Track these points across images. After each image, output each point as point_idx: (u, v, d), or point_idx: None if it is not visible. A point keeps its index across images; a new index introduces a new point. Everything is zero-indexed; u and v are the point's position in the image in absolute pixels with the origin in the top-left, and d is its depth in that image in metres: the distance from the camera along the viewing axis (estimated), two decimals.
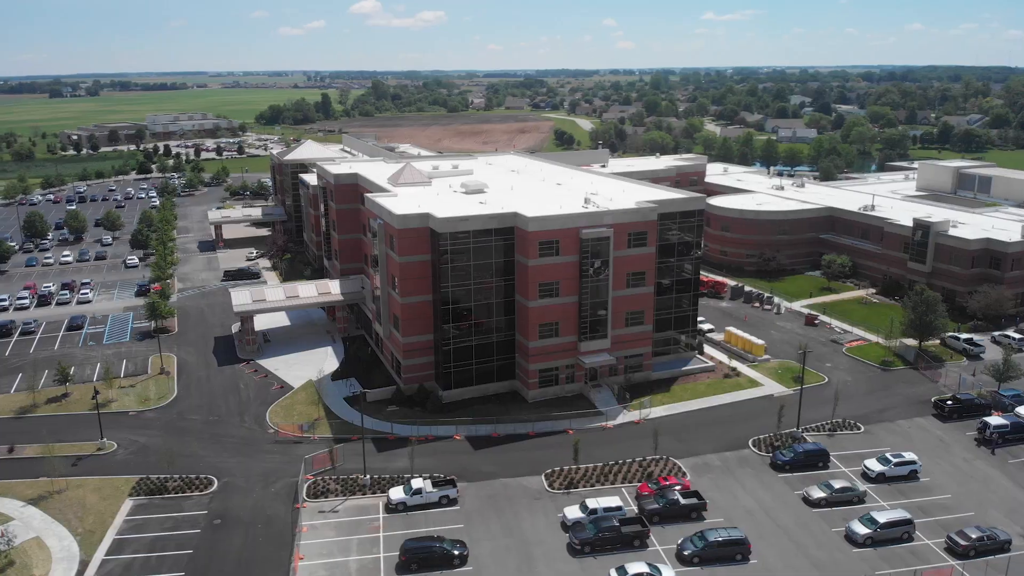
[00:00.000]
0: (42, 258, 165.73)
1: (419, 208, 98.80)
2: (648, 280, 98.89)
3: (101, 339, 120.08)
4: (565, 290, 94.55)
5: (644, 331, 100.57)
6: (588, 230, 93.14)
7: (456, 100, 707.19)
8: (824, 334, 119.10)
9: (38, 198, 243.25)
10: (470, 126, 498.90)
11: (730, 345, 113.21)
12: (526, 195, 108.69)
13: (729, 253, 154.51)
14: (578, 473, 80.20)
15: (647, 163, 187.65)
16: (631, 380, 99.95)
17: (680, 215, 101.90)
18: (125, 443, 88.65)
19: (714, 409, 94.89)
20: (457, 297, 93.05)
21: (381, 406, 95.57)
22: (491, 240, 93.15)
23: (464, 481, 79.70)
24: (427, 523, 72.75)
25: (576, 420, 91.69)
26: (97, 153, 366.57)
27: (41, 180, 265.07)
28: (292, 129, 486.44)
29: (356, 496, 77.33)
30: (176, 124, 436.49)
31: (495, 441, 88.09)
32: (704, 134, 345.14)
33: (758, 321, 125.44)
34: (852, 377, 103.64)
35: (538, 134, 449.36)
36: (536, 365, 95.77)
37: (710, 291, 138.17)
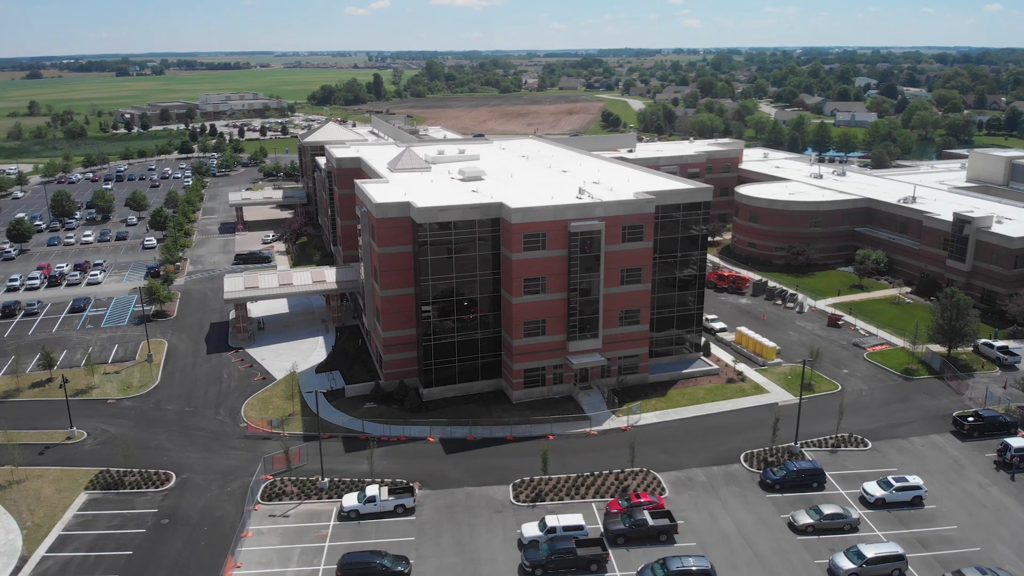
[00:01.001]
0: (64, 238, 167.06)
1: (404, 196, 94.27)
2: (644, 277, 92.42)
3: (101, 322, 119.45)
4: (552, 286, 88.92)
5: (640, 331, 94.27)
6: (577, 223, 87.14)
7: (508, 81, 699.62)
8: (847, 336, 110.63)
9: (77, 177, 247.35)
10: (518, 107, 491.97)
11: (740, 347, 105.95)
12: (524, 184, 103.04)
13: (757, 245, 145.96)
14: (547, 485, 74.96)
15: (677, 148, 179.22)
16: (624, 383, 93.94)
17: (684, 207, 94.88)
18: (96, 432, 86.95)
19: (710, 417, 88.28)
20: (438, 291, 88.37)
21: (359, 402, 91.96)
22: (475, 231, 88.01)
23: (427, 488, 75.37)
24: (378, 533, 68.67)
25: (558, 424, 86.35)
26: (147, 132, 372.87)
27: (82, 159, 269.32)
28: (342, 110, 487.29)
29: (311, 500, 73.72)
30: (226, 104, 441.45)
31: (470, 445, 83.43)
32: (756, 117, 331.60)
33: (777, 320, 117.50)
34: (868, 386, 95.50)
35: (587, 115, 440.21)
36: (521, 364, 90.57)
37: (730, 286, 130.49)
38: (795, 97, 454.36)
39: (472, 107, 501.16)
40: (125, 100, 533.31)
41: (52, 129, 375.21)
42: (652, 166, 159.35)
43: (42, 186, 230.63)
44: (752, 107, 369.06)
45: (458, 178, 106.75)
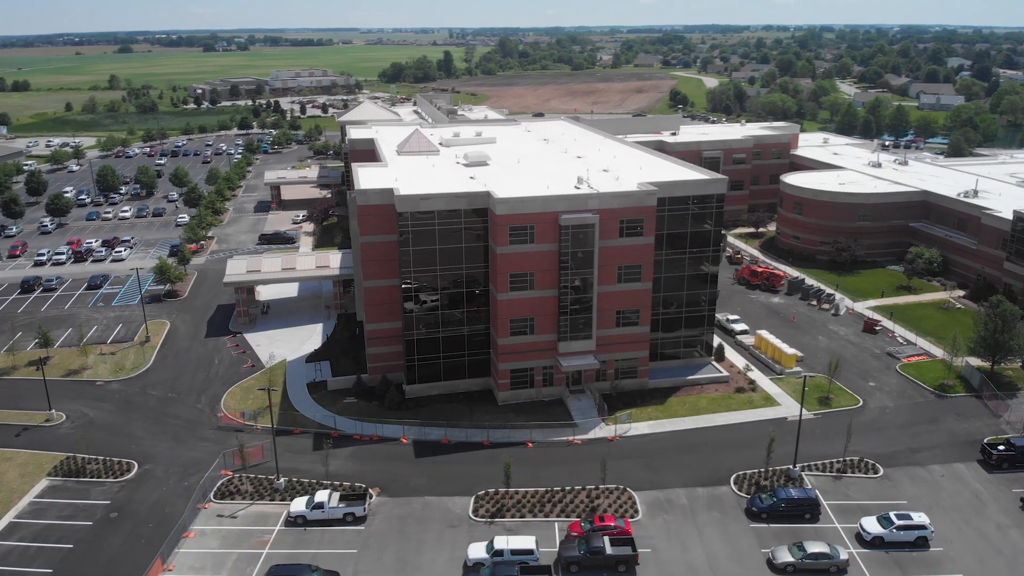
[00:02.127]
0: (103, 213, 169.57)
1: (396, 181, 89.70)
2: (645, 275, 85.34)
3: (113, 300, 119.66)
4: (542, 282, 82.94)
5: (639, 333, 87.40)
6: (569, 215, 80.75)
7: (581, 58, 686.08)
8: (882, 344, 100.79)
9: (135, 151, 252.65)
10: (586, 85, 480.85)
11: (759, 352, 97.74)
12: (527, 171, 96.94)
13: (801, 239, 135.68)
14: (511, 499, 69.69)
15: (724, 131, 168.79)
16: (618, 387, 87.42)
17: (695, 200, 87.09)
18: (75, 415, 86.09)
19: (708, 431, 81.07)
20: (422, 283, 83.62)
21: (341, 396, 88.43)
22: (460, 222, 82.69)
23: (386, 495, 71.18)
24: (322, 543, 64.89)
25: (540, 431, 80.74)
26: (214, 108, 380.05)
27: (143, 133, 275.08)
28: (409, 87, 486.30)
29: (263, 501, 70.53)
30: (295, 80, 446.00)
31: (443, 448, 78.78)
32: (832, 98, 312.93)
33: (808, 323, 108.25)
34: (894, 402, 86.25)
35: (656, 94, 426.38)
36: (507, 364, 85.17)
37: (764, 283, 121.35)
38: (880, 78, 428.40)
39: (539, 85, 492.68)
40: (203, 75, 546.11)
41: (126, 103, 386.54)
42: (694, 151, 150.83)
43: (100, 160, 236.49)
44: (830, 87, 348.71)
45: (462, 163, 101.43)
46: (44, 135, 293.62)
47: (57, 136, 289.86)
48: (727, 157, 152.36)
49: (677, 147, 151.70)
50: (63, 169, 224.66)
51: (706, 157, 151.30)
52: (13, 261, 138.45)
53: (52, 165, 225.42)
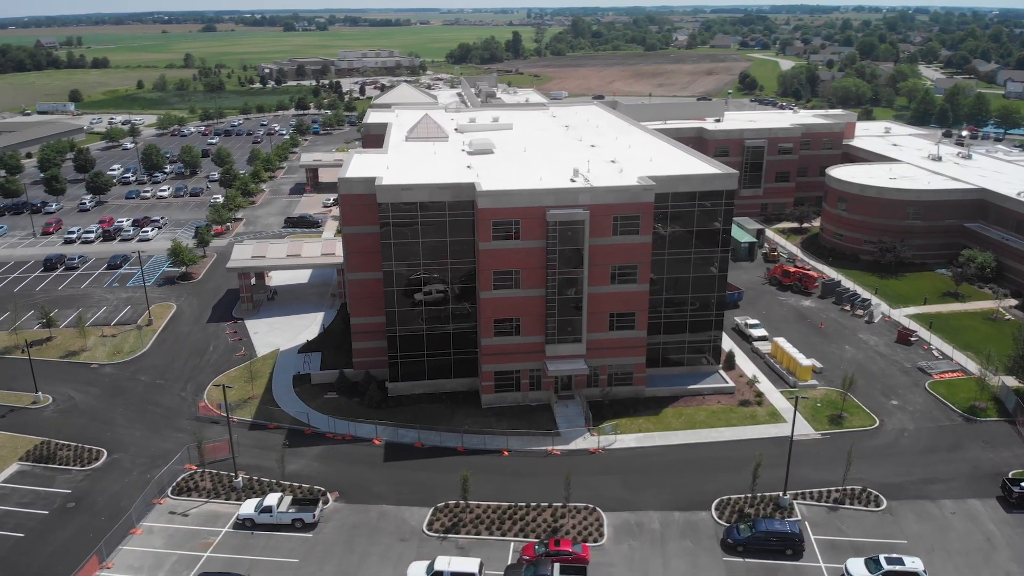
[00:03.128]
0: (142, 191, 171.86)
1: (387, 169, 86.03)
2: (641, 276, 79.38)
3: (129, 281, 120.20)
4: (528, 281, 78.02)
5: (634, 337, 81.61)
6: (557, 211, 75.46)
7: (656, 38, 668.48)
8: (915, 356, 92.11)
9: (191, 130, 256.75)
10: (654, 67, 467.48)
11: (774, 361, 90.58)
12: (530, 161, 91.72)
13: (844, 237, 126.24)
14: (471, 513, 65.57)
15: (772, 118, 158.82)
16: (610, 395, 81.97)
17: (701, 196, 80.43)
18: (62, 399, 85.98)
19: (700, 447, 74.99)
20: (405, 278, 79.84)
21: (323, 391, 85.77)
22: (444, 215, 78.37)
23: (343, 501, 68.06)
24: (264, 550, 62.19)
25: (518, 438, 76.23)
26: (279, 87, 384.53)
27: (200, 112, 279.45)
28: (474, 68, 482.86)
29: (219, 500, 68.35)
30: (360, 61, 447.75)
31: (415, 453, 75.16)
32: (909, 84, 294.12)
33: (837, 330, 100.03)
34: (916, 424, 78.21)
35: (726, 76, 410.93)
36: (491, 366, 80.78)
37: (796, 284, 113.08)
38: (967, 63, 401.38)
39: (607, 66, 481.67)
40: (277, 55, 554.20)
41: (195, 82, 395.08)
42: (735, 139, 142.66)
43: (155, 138, 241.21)
44: (909, 72, 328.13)
45: (466, 151, 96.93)
46: (110, 112, 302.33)
47: (121, 113, 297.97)
48: (772, 146, 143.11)
49: (717, 134, 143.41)
50: (117, 147, 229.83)
51: (749, 146, 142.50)
52: (46, 238, 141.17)
53: (107, 143, 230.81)
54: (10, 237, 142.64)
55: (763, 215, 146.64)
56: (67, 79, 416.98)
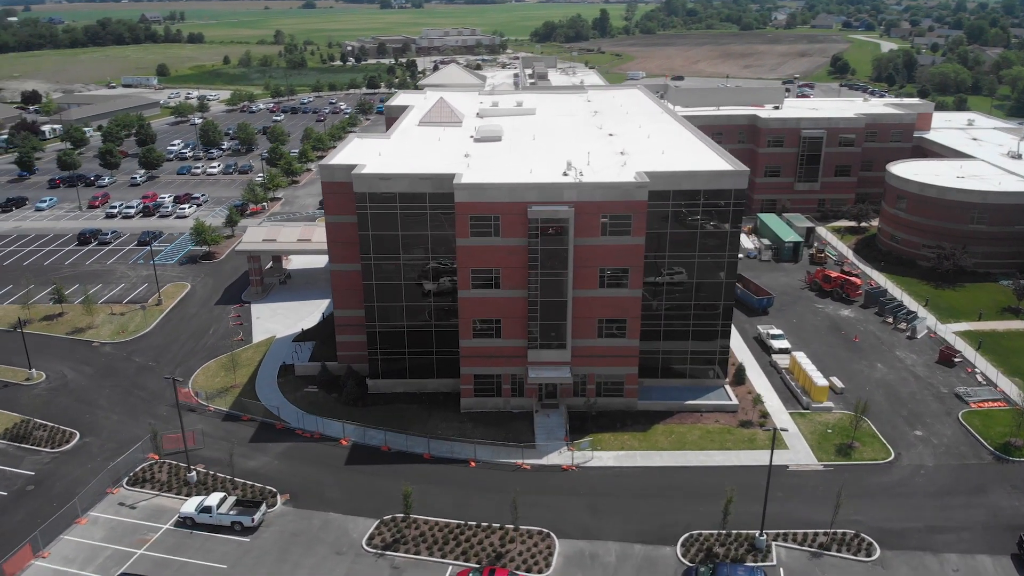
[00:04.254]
0: (193, 168, 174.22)
1: (378, 156, 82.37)
2: (633, 280, 72.91)
3: (154, 258, 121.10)
4: (509, 281, 72.89)
5: (625, 346, 75.31)
6: (539, 207, 69.87)
7: (753, 17, 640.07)
8: (955, 380, 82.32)
9: (260, 107, 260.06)
10: (746, 46, 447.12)
11: (791, 377, 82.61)
12: (537, 149, 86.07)
13: (900, 240, 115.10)
14: (415, 529, 61.55)
15: (836, 107, 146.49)
16: (594, 406, 76.11)
17: (707, 195, 73.14)
18: (55, 376, 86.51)
19: (684, 472, 68.50)
20: (384, 272, 76.08)
21: (304, 383, 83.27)
22: (425, 207, 73.96)
23: (292, 504, 65.27)
24: (196, 552, 59.95)
25: (489, 448, 71.60)
26: (358, 65, 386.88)
27: (272, 89, 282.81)
28: (557, 47, 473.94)
29: (170, 494, 66.65)
30: (442, 40, 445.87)
31: (380, 457, 71.66)
32: (1013, 72, 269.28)
33: (873, 345, 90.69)
34: (937, 460, 69.34)
35: (819, 59, 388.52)
36: (470, 369, 76.26)
37: (837, 291, 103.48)
38: None
39: (696, 45, 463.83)
40: (367, 32, 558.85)
41: (280, 59, 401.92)
42: (791, 129, 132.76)
43: (224, 114, 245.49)
44: (1015, 59, 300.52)
45: (473, 138, 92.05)
46: (191, 87, 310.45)
47: (201, 88, 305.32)
48: (832, 137, 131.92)
49: (772, 123, 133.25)
50: (186, 122, 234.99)
51: (806, 136, 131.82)
52: (91, 212, 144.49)
53: (176, 117, 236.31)
54: (57, 209, 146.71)
55: (820, 211, 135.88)
56: (161, 53, 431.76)
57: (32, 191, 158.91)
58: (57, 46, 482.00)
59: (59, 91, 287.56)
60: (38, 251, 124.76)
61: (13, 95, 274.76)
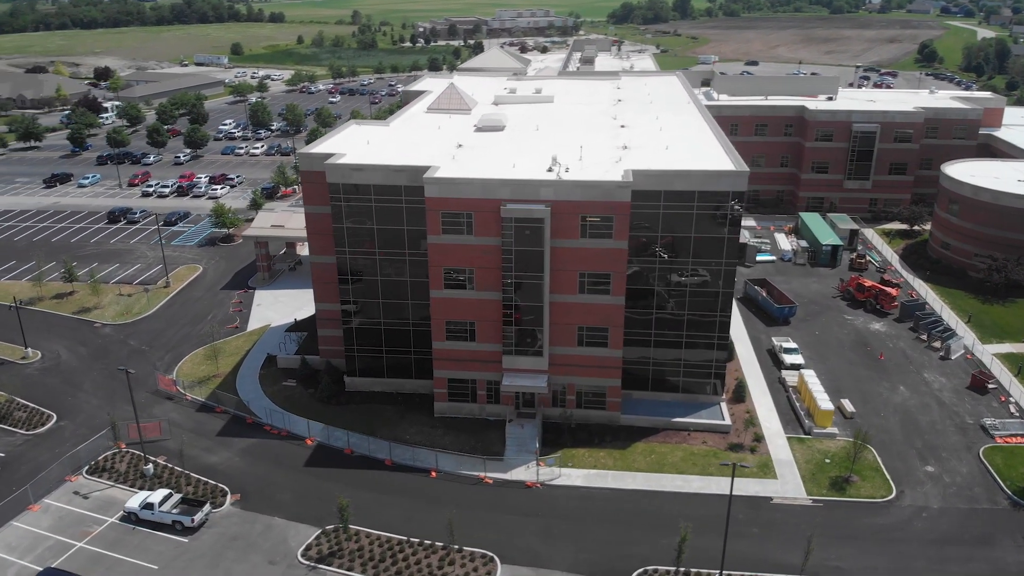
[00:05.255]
0: (237, 148, 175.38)
1: (366, 144, 79.28)
2: (615, 287, 67.65)
3: (177, 239, 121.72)
4: (483, 282, 68.78)
5: (607, 357, 70.19)
6: (513, 205, 65.37)
7: (844, 0, 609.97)
8: (984, 410, 74.06)
9: (319, 87, 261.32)
10: (831, 31, 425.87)
11: (797, 397, 75.92)
12: (537, 141, 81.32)
13: (952, 248, 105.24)
14: (354, 543, 58.57)
15: (895, 99, 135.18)
16: (571, 418, 71.33)
17: (702, 197, 67.06)
18: (50, 356, 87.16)
19: (656, 497, 63.26)
20: (359, 266, 73.12)
21: (284, 376, 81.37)
22: (401, 200, 70.42)
23: (240, 505, 63.27)
24: (133, 550, 58.56)
25: (453, 458, 67.95)
26: (428, 47, 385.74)
27: (333, 70, 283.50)
28: (634, 28, 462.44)
29: (122, 486, 65.65)
30: (514, 21, 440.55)
31: (341, 459, 68.96)
32: None
33: (899, 364, 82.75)
34: (944, 503, 62.06)
35: (908, 45, 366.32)
36: (443, 372, 72.65)
37: (869, 301, 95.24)
38: None
39: (778, 29, 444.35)
40: (447, 12, 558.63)
41: (353, 39, 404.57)
42: (842, 123, 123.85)
43: (283, 94, 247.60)
44: None
45: (474, 127, 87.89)
46: (260, 66, 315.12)
47: (270, 68, 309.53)
48: (886, 133, 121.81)
49: (820, 115, 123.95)
50: (244, 101, 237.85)
51: (857, 131, 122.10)
52: (130, 190, 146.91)
53: (235, 97, 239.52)
54: (99, 187, 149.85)
55: (871, 212, 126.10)
56: (240, 32, 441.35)
57: (80, 167, 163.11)
58: (144, 23, 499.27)
59: (133, 68, 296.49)
60: (69, 228, 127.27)
61: (89, 71, 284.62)
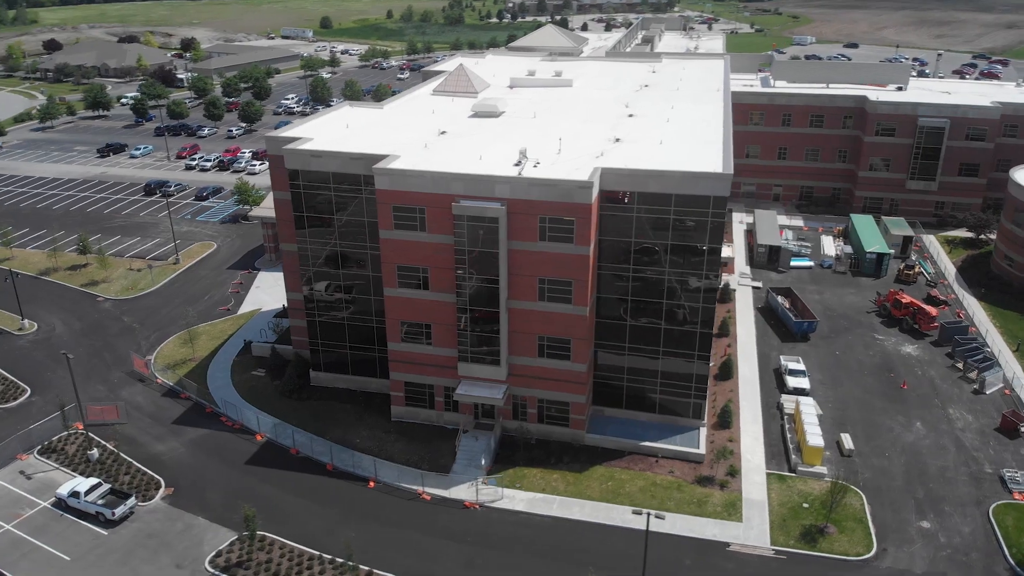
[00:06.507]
0: None
1: (345, 128, 75.77)
2: (577, 296, 61.62)
3: (203, 214, 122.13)
4: (438, 282, 64.14)
5: (570, 371, 64.36)
6: (467, 202, 60.25)
7: None
8: (1009, 458, 64.37)
9: (391, 64, 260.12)
10: (944, 14, 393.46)
11: (790, 428, 68.10)
12: (530, 130, 75.56)
13: (1015, 264, 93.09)
14: (265, 553, 55.57)
15: (973, 92, 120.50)
16: (527, 434, 66.08)
17: (679, 201, 60.07)
18: (45, 328, 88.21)
19: (598, 531, 57.45)
20: (319, 257, 69.74)
21: (256, 365, 79.31)
22: (361, 190, 66.40)
23: (171, 500, 61.46)
24: (58, 539, 57.66)
25: (394, 468, 63.97)
26: (514, 23, 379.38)
27: (409, 46, 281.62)
28: (733, 5, 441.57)
29: (66, 469, 65.02)
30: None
31: (285, 460, 66.13)
32: None
33: (923, 397, 73.26)
34: (931, 567, 53.74)
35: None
36: (400, 375, 68.62)
37: (906, 320, 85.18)
38: None
39: (888, 11, 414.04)
40: None
41: (441, 14, 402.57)
42: (907, 116, 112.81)
43: (356, 70, 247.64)
44: None
45: (469, 114, 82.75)
46: (344, 40, 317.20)
47: (354, 43, 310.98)
48: (957, 128, 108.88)
49: (882, 107, 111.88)
50: (314, 75, 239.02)
51: (923, 125, 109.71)
52: (177, 162, 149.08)
53: (305, 71, 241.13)
54: (149, 158, 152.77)
55: (936, 216, 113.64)
56: (335, 6, 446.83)
57: (138, 138, 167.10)
58: None
59: (221, 40, 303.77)
60: (106, 199, 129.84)
61: (179, 42, 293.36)
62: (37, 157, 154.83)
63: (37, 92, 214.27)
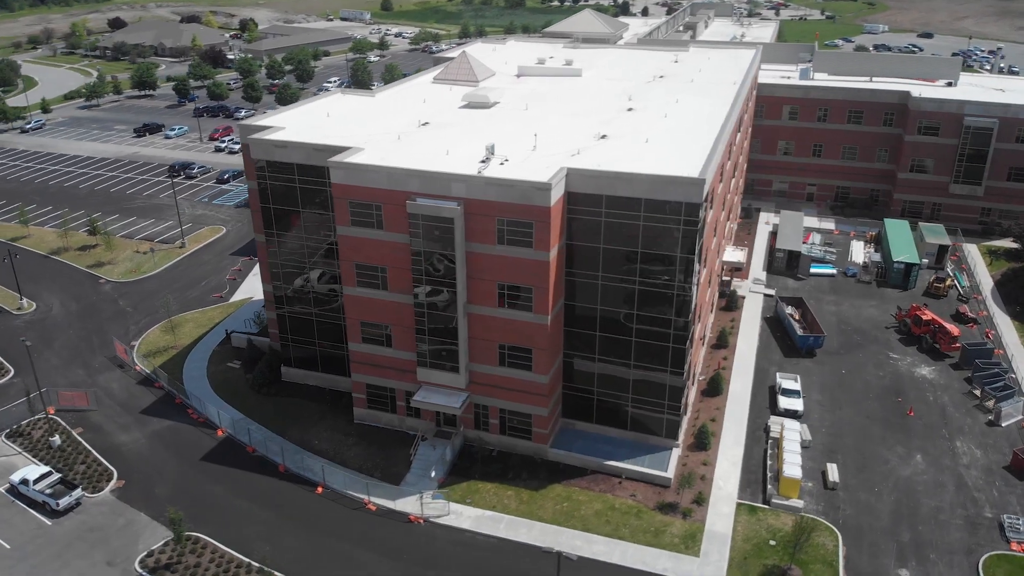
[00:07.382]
0: None
1: (326, 116, 73.65)
2: (538, 303, 57.86)
3: (219, 198, 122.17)
4: (397, 283, 61.28)
5: (532, 382, 60.74)
6: (422, 200, 57.11)
7: None
8: (1014, 501, 58.07)
9: (441, 47, 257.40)
10: None
11: (772, 454, 63.08)
12: (520, 123, 71.85)
13: None
14: (196, 556, 54.02)
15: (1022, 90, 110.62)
16: (483, 444, 62.89)
17: (648, 206, 55.59)
18: (43, 308, 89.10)
19: (543, 558, 53.98)
20: (286, 251, 67.81)
21: (232, 356, 78.18)
22: (326, 183, 63.95)
23: (119, 493, 60.69)
24: (5, 526, 57.50)
25: (343, 475, 61.67)
26: (576, 6, 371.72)
27: (462, 30, 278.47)
28: None
29: (27, 455, 64.92)
30: None
31: (240, 457, 64.59)
32: None
33: (931, 425, 67.10)
34: None
35: None
36: (361, 377, 66.20)
37: (926, 338, 78.43)
38: None
39: (970, 0, 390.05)
40: None
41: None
42: (952, 115, 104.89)
43: (405, 53, 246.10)
44: None
45: (461, 104, 79.37)
46: (402, 24, 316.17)
47: (406, 26, 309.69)
48: (1007, 129, 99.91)
49: (926, 104, 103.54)
50: (362, 58, 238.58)
51: (969, 125, 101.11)
52: (208, 144, 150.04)
53: (354, 54, 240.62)
54: (183, 139, 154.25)
55: (981, 224, 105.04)
56: None
57: (178, 118, 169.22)
58: None
59: (281, 20, 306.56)
60: (131, 179, 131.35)
61: (237, 23, 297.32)
62: (77, 135, 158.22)
63: (92, 70, 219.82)
